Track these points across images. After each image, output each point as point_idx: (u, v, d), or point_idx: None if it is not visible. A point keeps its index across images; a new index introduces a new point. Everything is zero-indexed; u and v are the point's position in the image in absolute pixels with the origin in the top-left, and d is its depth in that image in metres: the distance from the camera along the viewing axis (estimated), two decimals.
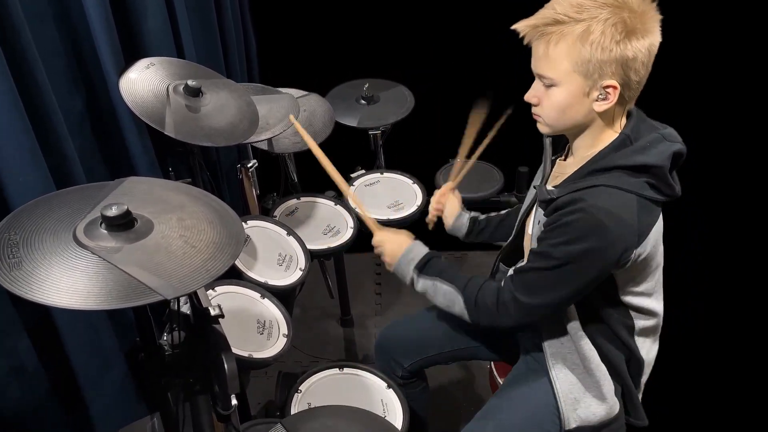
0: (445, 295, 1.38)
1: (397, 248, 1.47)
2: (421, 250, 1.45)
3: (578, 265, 1.19)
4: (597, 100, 1.19)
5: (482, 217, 1.71)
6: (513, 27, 1.21)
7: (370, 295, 2.76)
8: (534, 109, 1.27)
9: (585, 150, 1.28)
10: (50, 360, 1.36)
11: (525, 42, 1.21)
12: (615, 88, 1.16)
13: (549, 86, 1.21)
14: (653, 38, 1.15)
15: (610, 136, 1.24)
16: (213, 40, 2.10)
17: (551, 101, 1.22)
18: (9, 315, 1.27)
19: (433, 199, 1.77)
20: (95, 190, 1.04)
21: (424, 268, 1.42)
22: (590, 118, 1.23)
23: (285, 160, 2.29)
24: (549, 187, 1.28)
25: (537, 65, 1.21)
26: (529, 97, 1.26)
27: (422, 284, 1.41)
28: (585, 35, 1.12)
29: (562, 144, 1.39)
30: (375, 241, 1.54)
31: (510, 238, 1.53)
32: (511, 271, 1.32)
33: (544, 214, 1.27)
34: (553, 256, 1.20)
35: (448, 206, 1.73)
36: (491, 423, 1.40)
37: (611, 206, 1.16)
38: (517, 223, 1.49)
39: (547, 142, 1.40)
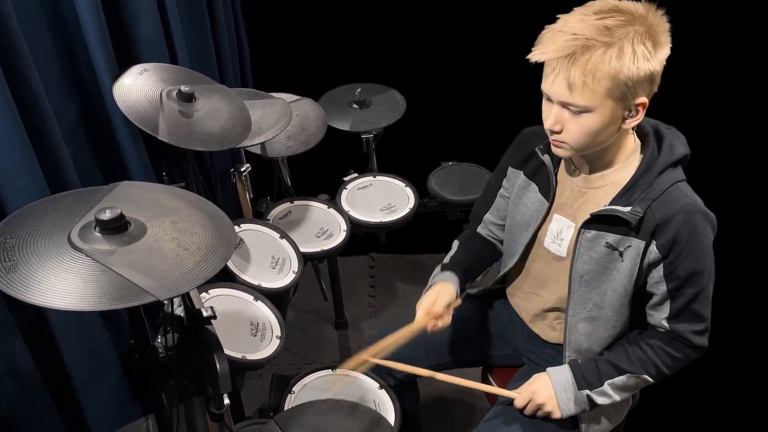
0: (626, 388, 1.32)
1: (547, 388, 1.35)
2: (563, 370, 1.36)
3: (712, 256, 1.24)
4: (627, 119, 1.18)
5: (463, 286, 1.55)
6: (537, 58, 1.15)
7: (364, 297, 2.78)
8: (556, 137, 1.22)
9: (610, 157, 1.27)
10: (45, 363, 1.37)
11: (551, 71, 1.15)
12: (644, 105, 1.17)
13: (579, 113, 1.16)
14: (668, 48, 1.16)
15: (630, 138, 1.27)
16: (206, 46, 2.12)
17: (582, 128, 1.17)
18: (4, 318, 1.28)
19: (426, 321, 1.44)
20: (89, 194, 1.06)
21: (586, 384, 1.32)
22: (618, 135, 1.22)
23: (278, 164, 2.31)
24: (621, 208, 1.22)
25: (566, 94, 1.15)
26: (552, 125, 1.20)
27: (600, 399, 1.32)
28: (620, 57, 1.10)
29: (558, 157, 1.36)
30: (519, 403, 1.38)
31: (510, 268, 1.50)
32: (664, 322, 1.28)
33: (611, 234, 1.25)
34: (701, 269, 1.22)
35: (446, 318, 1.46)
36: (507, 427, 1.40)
37: (694, 196, 1.25)
38: (521, 249, 1.45)
39: (547, 157, 1.36)
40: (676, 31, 1.17)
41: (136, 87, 1.56)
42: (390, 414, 1.53)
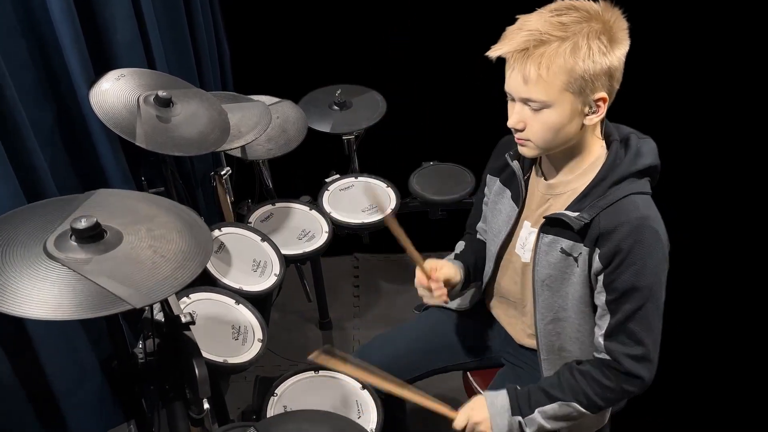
0: (557, 417, 1.30)
1: (483, 410, 1.35)
2: (500, 394, 1.35)
3: (661, 279, 1.21)
4: (588, 115, 1.19)
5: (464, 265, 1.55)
6: (494, 53, 1.17)
7: (348, 297, 2.79)
8: (520, 134, 1.23)
9: (575, 163, 1.28)
10: (25, 370, 1.37)
11: (509, 68, 1.17)
12: (605, 100, 1.18)
13: (539, 109, 1.17)
14: (626, 45, 1.18)
15: (597, 144, 1.27)
16: (185, 50, 2.11)
17: (544, 124, 1.19)
18: None
19: (424, 287, 1.44)
20: (65, 202, 1.06)
21: (519, 411, 1.32)
22: (581, 133, 1.22)
23: (259, 166, 2.31)
24: (569, 213, 1.23)
25: (524, 90, 1.16)
26: (515, 123, 1.22)
27: (529, 429, 1.31)
28: (575, 51, 1.11)
29: (528, 163, 1.38)
30: (457, 424, 1.38)
31: (489, 277, 1.52)
32: (600, 339, 1.27)
33: (565, 239, 1.25)
34: (642, 286, 1.18)
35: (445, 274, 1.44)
36: None
37: (650, 211, 1.20)
38: (494, 256, 1.46)
39: (516, 163, 1.37)
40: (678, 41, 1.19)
41: (114, 92, 1.56)
42: (372, 415, 1.55)
